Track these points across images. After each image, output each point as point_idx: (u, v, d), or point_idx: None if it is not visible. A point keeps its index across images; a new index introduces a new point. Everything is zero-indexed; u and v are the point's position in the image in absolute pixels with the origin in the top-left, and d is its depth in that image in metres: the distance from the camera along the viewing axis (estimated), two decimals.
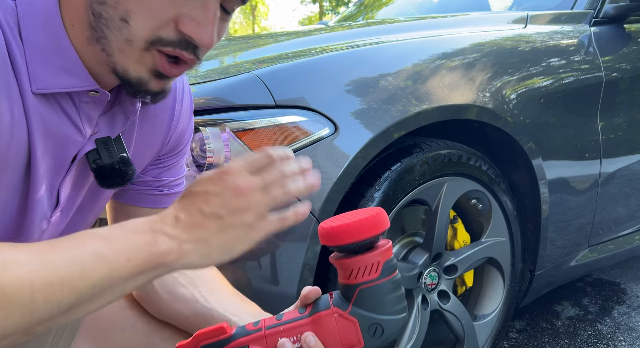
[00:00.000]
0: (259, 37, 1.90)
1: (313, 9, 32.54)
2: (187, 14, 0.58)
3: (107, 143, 0.69)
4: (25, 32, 0.57)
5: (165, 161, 0.85)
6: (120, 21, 0.57)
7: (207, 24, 0.58)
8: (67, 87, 0.61)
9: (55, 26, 0.59)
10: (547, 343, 1.75)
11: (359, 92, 1.19)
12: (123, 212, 0.86)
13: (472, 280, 1.56)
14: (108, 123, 0.69)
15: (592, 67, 1.64)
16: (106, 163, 0.69)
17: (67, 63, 0.60)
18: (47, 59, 0.59)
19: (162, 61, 0.60)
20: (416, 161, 1.25)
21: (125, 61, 0.59)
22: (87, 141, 0.67)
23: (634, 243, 1.91)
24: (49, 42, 0.59)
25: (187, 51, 0.60)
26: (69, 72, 0.60)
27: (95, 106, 0.66)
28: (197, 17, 0.58)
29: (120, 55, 0.59)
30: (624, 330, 1.82)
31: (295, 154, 1.09)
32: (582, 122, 1.61)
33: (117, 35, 0.58)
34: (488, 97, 1.36)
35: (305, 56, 1.26)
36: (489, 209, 1.44)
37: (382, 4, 2.87)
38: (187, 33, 0.58)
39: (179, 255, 0.55)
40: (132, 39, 0.57)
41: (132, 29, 0.57)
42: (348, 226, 0.61)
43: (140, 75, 0.60)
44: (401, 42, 1.38)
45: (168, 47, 0.59)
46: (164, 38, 0.58)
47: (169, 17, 0.57)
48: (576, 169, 1.59)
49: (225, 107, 1.10)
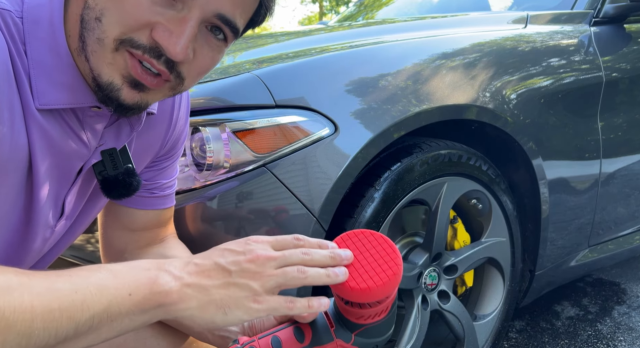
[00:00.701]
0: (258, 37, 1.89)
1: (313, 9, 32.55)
2: (163, 24, 0.58)
3: (113, 154, 0.70)
4: (30, 49, 0.58)
5: (160, 164, 0.86)
6: (94, 21, 0.57)
7: (180, 35, 0.58)
8: (69, 104, 0.62)
9: (59, 45, 0.59)
10: (547, 343, 1.75)
11: (359, 92, 1.19)
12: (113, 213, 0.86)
13: (472, 280, 1.56)
14: (114, 135, 0.70)
15: (592, 67, 1.64)
16: (111, 174, 0.70)
17: (69, 80, 0.60)
18: (51, 75, 0.59)
19: (134, 62, 0.59)
20: (416, 161, 1.25)
21: (98, 63, 0.59)
22: (92, 153, 0.68)
23: (634, 243, 1.91)
24: (53, 59, 0.59)
25: (157, 60, 0.59)
26: (71, 89, 0.61)
27: (99, 119, 0.67)
28: (171, 28, 0.58)
29: (93, 57, 0.59)
30: (624, 330, 1.82)
31: (295, 154, 1.10)
32: (582, 122, 1.61)
33: (91, 36, 0.58)
34: (488, 97, 1.36)
35: (305, 56, 1.26)
36: (489, 209, 1.44)
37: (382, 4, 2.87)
38: (158, 40, 0.58)
39: (179, 297, 0.55)
40: (103, 37, 0.57)
41: (104, 26, 0.57)
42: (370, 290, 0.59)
43: (112, 79, 0.59)
44: (401, 42, 1.38)
45: (138, 50, 0.58)
46: (135, 40, 0.58)
47: (143, 21, 0.57)
48: (576, 169, 1.59)
49: (225, 107, 1.10)
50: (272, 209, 1.08)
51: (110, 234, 0.88)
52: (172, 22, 0.58)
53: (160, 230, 0.89)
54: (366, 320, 0.63)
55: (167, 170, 0.87)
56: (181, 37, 0.58)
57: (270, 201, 1.07)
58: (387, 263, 0.61)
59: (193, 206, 1.05)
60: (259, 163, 1.07)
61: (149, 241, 0.88)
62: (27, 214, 0.66)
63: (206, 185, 1.06)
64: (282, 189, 1.07)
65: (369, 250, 0.63)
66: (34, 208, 0.65)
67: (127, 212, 0.85)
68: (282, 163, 1.08)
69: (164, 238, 0.90)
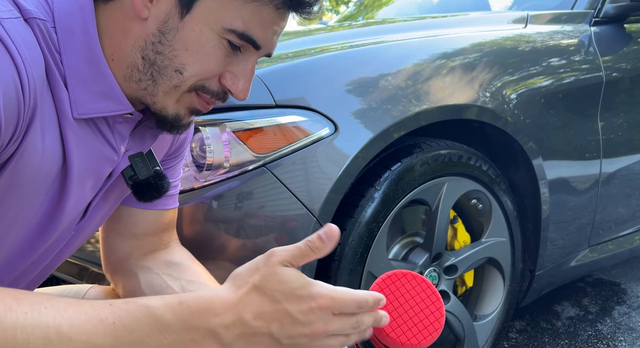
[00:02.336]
0: None
1: None
2: (230, 71, 0.65)
3: (141, 158, 0.73)
4: (66, 58, 0.60)
5: (167, 164, 0.86)
6: (174, 72, 0.63)
7: (245, 79, 0.66)
8: (107, 112, 0.64)
9: (96, 56, 0.62)
10: (548, 343, 1.75)
11: (359, 92, 1.19)
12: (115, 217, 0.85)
13: (472, 280, 1.56)
14: (139, 139, 0.73)
15: (593, 67, 1.64)
16: (142, 179, 0.72)
17: (107, 90, 0.63)
18: (88, 85, 0.62)
19: (200, 101, 0.66)
20: (416, 161, 1.25)
21: (166, 101, 0.65)
22: (120, 158, 0.70)
23: (634, 243, 1.91)
24: (90, 69, 0.62)
25: (220, 100, 0.67)
26: (109, 98, 0.64)
27: (127, 125, 0.69)
28: (238, 74, 0.66)
29: (164, 96, 0.65)
30: (624, 330, 1.82)
31: (295, 154, 1.10)
32: (583, 122, 1.61)
33: (167, 82, 0.63)
34: (488, 97, 1.36)
35: (305, 55, 1.26)
36: (489, 209, 1.44)
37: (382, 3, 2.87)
38: (227, 87, 0.66)
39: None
40: (181, 85, 0.64)
41: (184, 78, 0.63)
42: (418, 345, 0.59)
43: (178, 112, 0.66)
44: (401, 42, 1.38)
45: (207, 94, 0.66)
46: (207, 87, 0.65)
47: (217, 72, 0.65)
48: (576, 169, 1.59)
49: (225, 107, 1.10)
50: (272, 210, 1.07)
51: (113, 240, 0.87)
52: (238, 67, 0.65)
53: (163, 235, 0.88)
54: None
55: (172, 170, 0.87)
56: (247, 83, 0.66)
57: (270, 201, 1.07)
58: (433, 315, 0.61)
59: (193, 206, 1.05)
60: (259, 163, 1.07)
61: (153, 247, 0.87)
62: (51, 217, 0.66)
63: (206, 185, 1.06)
64: (282, 189, 1.07)
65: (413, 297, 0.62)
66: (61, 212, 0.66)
67: (131, 213, 0.85)
68: (282, 163, 1.08)
69: (168, 244, 0.89)
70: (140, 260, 0.85)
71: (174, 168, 0.88)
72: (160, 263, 0.85)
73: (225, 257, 1.07)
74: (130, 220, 0.85)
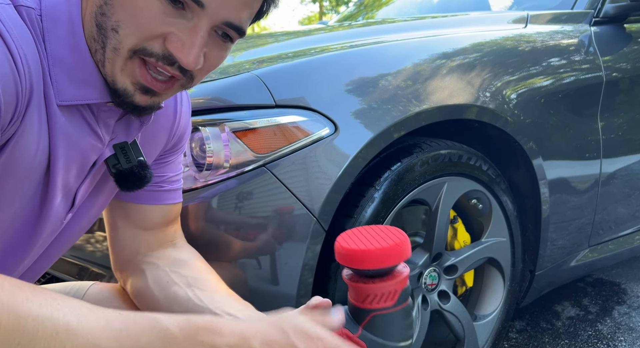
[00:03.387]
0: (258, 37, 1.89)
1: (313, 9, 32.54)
2: (175, 34, 0.60)
3: (125, 148, 0.72)
4: (50, 46, 0.60)
5: (166, 158, 0.87)
6: (111, 31, 0.60)
7: (192, 45, 0.61)
8: (89, 99, 0.64)
9: (79, 42, 0.62)
10: (548, 343, 1.75)
11: (359, 92, 1.19)
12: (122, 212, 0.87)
13: (473, 280, 1.56)
14: (124, 129, 0.73)
15: (593, 67, 1.64)
16: (125, 168, 0.72)
17: (88, 77, 0.63)
18: (70, 72, 0.62)
19: (143, 71, 0.62)
20: (416, 161, 1.25)
21: (113, 70, 0.62)
22: (105, 147, 0.71)
23: (634, 243, 1.91)
24: (73, 57, 0.62)
25: (173, 67, 0.62)
26: (90, 85, 0.63)
27: (112, 113, 0.69)
28: (184, 38, 0.60)
29: (109, 64, 0.62)
30: (624, 330, 1.82)
31: (295, 154, 1.10)
32: (583, 122, 1.61)
33: (108, 44, 0.61)
34: (488, 97, 1.36)
35: (305, 55, 1.26)
36: (489, 209, 1.44)
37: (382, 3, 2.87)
38: (171, 50, 0.61)
39: None
40: (119, 47, 0.60)
41: (120, 37, 0.60)
42: (371, 252, 0.59)
43: (125, 86, 0.63)
44: (401, 42, 1.38)
45: (152, 58, 0.61)
46: (148, 49, 0.61)
47: (157, 33, 0.60)
48: (576, 169, 1.59)
49: (225, 107, 1.10)
50: (272, 209, 1.07)
51: (122, 235, 0.88)
52: (184, 32, 0.60)
53: (170, 230, 0.90)
54: (371, 304, 0.62)
55: (173, 164, 0.89)
56: (193, 47, 0.61)
57: (270, 201, 1.07)
58: (392, 236, 0.61)
59: (193, 206, 1.05)
60: (259, 163, 1.07)
61: (160, 243, 0.88)
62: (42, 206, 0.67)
63: (206, 185, 1.06)
64: (282, 189, 1.07)
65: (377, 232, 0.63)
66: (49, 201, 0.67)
67: (138, 209, 0.86)
68: (282, 163, 1.08)
69: (175, 241, 0.91)
70: (147, 256, 0.87)
71: (174, 162, 0.89)
72: (167, 260, 0.86)
73: (225, 257, 1.07)
74: (137, 216, 0.86)
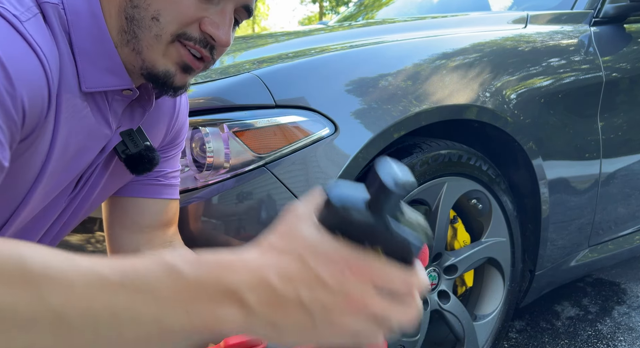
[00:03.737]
0: (258, 37, 1.90)
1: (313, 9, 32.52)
2: (209, 17, 0.67)
3: (132, 134, 0.77)
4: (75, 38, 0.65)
5: (165, 152, 0.89)
6: (151, 20, 0.65)
7: (224, 25, 0.68)
8: (112, 86, 0.68)
9: (102, 33, 0.67)
10: (547, 343, 1.75)
11: (359, 92, 1.19)
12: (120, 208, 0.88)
13: (472, 280, 1.56)
14: (129, 117, 0.77)
15: (592, 67, 1.64)
16: (134, 152, 0.77)
17: (112, 65, 0.68)
18: (95, 61, 0.67)
19: (185, 51, 0.68)
20: (416, 161, 1.25)
21: (153, 55, 0.67)
22: (113, 134, 0.74)
23: (634, 243, 1.91)
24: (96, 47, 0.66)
25: (205, 49, 0.69)
26: (114, 73, 0.68)
27: (122, 103, 0.73)
28: (217, 20, 0.68)
29: (149, 50, 0.67)
30: (624, 330, 1.82)
31: (295, 154, 1.10)
32: (582, 122, 1.61)
33: (147, 33, 0.66)
34: (488, 97, 1.36)
35: (305, 56, 1.26)
36: (489, 209, 1.44)
37: (382, 4, 2.87)
38: (208, 32, 0.68)
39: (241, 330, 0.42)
40: (161, 33, 0.66)
41: (162, 25, 0.66)
42: None
43: (167, 68, 0.68)
44: (401, 42, 1.38)
45: (191, 41, 0.68)
46: (188, 33, 0.67)
47: (194, 18, 0.67)
48: (576, 169, 1.59)
49: (225, 107, 1.10)
50: (272, 209, 1.08)
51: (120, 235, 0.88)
52: (215, 15, 0.68)
53: (168, 229, 0.90)
54: None
55: (171, 160, 0.91)
56: (226, 27, 0.69)
57: (270, 201, 1.08)
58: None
59: (193, 206, 1.06)
60: (259, 163, 1.07)
61: (160, 242, 0.89)
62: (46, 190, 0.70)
63: (206, 185, 1.07)
64: (282, 189, 1.07)
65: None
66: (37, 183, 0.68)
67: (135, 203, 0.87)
68: (282, 163, 1.08)
69: (173, 242, 0.91)
70: None
71: (173, 158, 0.91)
72: None
73: None
74: (135, 211, 0.87)
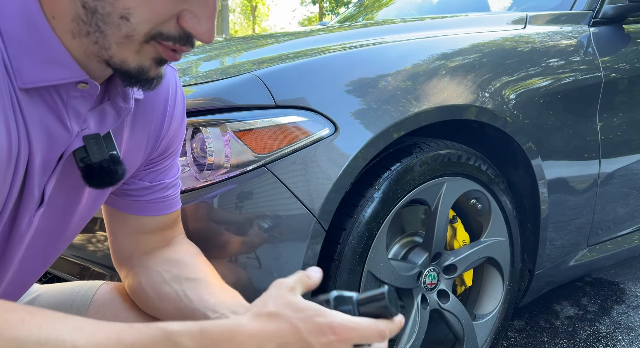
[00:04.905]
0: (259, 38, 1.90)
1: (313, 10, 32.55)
2: (188, 9, 0.57)
3: (97, 140, 0.65)
4: (3, 25, 0.54)
5: (160, 164, 0.83)
6: (119, 18, 0.55)
7: (208, 19, 0.58)
8: (55, 80, 0.58)
9: (36, 18, 0.55)
10: (547, 342, 1.76)
11: (359, 92, 1.19)
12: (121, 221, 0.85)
13: (472, 279, 1.56)
14: (98, 119, 0.66)
15: (591, 67, 1.65)
16: (94, 162, 0.65)
17: (53, 55, 0.57)
18: (30, 52, 0.55)
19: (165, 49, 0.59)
20: (416, 161, 1.25)
21: (124, 53, 0.58)
22: (74, 138, 0.63)
23: (633, 242, 1.91)
24: (30, 34, 0.55)
25: (185, 45, 0.59)
26: (56, 64, 0.57)
27: (84, 100, 0.62)
28: (198, 13, 0.57)
29: (119, 48, 0.57)
30: (623, 330, 1.82)
31: (295, 155, 1.10)
32: (581, 122, 1.61)
33: (116, 31, 0.56)
34: (487, 97, 1.37)
35: (305, 56, 1.26)
36: (489, 209, 1.45)
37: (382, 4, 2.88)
38: (188, 29, 0.57)
39: None
40: (133, 34, 0.56)
41: (133, 25, 0.55)
42: None
43: (141, 63, 0.59)
44: (401, 43, 1.38)
45: (168, 41, 0.58)
46: (165, 33, 0.57)
47: (171, 14, 0.56)
48: (575, 169, 1.59)
49: (226, 108, 1.10)
50: (272, 209, 1.08)
51: (120, 240, 0.86)
52: (196, 5, 0.57)
53: (167, 233, 0.88)
54: None
55: (168, 169, 0.85)
56: (209, 22, 0.58)
57: (271, 201, 1.08)
58: None
59: (194, 206, 1.06)
60: (259, 163, 1.07)
61: (155, 245, 0.87)
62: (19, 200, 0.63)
63: (207, 185, 1.07)
64: (282, 189, 1.08)
65: None
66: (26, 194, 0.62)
67: (136, 219, 0.84)
68: (282, 163, 1.08)
69: (171, 241, 0.89)
70: (141, 258, 0.86)
71: (169, 167, 0.85)
72: (160, 260, 0.84)
73: (226, 257, 1.08)
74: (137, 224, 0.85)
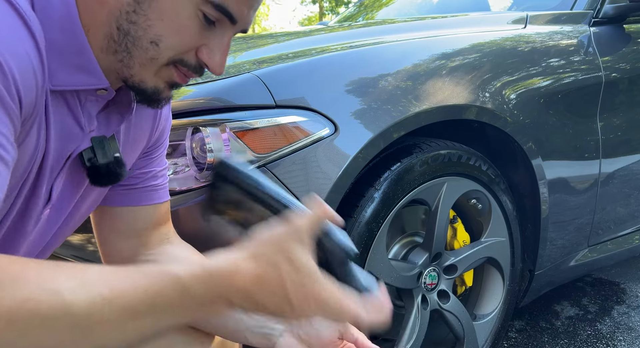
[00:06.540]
0: (259, 38, 1.90)
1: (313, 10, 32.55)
2: (207, 46, 0.65)
3: (103, 141, 0.70)
4: (45, 28, 0.58)
5: (151, 154, 0.86)
6: (149, 43, 0.62)
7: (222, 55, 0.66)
8: (83, 86, 0.63)
9: (74, 27, 0.61)
10: (547, 342, 1.76)
11: (359, 92, 1.19)
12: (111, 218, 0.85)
13: (472, 279, 1.56)
14: (104, 122, 0.70)
15: (592, 67, 1.65)
16: (101, 163, 0.70)
17: (84, 63, 0.62)
18: (64, 57, 0.60)
19: (178, 73, 0.66)
20: (416, 161, 1.25)
21: (143, 74, 0.64)
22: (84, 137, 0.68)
23: (633, 243, 1.91)
24: (67, 40, 0.60)
25: (196, 73, 0.67)
26: (86, 71, 0.63)
27: (97, 104, 0.67)
28: (215, 49, 0.65)
29: (141, 69, 0.63)
30: (623, 330, 1.82)
31: (295, 155, 1.10)
32: (582, 122, 1.61)
33: (143, 54, 0.62)
34: (488, 97, 1.37)
35: (305, 56, 1.26)
36: (489, 209, 1.45)
37: (382, 4, 2.88)
38: (204, 61, 0.65)
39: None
40: (158, 57, 0.63)
41: (160, 50, 0.62)
42: None
43: (157, 85, 0.65)
44: (401, 43, 1.38)
45: (184, 67, 0.65)
46: (185, 61, 0.65)
47: (194, 46, 0.64)
48: (576, 169, 1.59)
49: (226, 108, 1.10)
50: None
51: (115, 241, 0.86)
52: (215, 43, 0.65)
53: (162, 228, 0.89)
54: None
55: (158, 158, 0.88)
56: (223, 57, 0.66)
57: None
58: None
59: (194, 206, 1.06)
60: (259, 163, 1.07)
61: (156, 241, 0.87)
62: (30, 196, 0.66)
63: (207, 185, 1.07)
64: None
65: None
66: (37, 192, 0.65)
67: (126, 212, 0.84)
68: (282, 163, 1.08)
69: (169, 237, 0.90)
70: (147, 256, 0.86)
71: (159, 156, 0.88)
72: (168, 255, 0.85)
73: None
74: (127, 218, 0.85)
